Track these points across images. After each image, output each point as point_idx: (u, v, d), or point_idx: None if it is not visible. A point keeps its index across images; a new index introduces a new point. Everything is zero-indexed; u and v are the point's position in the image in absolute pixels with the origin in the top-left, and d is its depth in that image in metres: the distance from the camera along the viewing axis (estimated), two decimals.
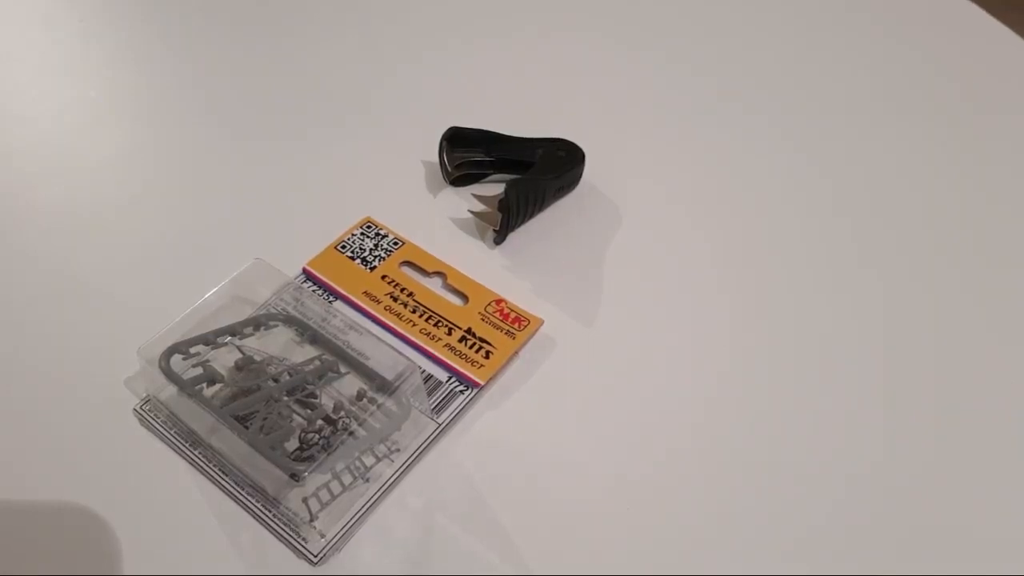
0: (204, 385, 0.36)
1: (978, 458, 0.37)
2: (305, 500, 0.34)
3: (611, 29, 0.59)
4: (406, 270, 0.43)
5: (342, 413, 0.35)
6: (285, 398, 0.35)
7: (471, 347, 0.39)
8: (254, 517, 0.34)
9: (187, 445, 0.36)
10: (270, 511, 0.34)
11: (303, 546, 0.33)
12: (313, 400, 0.36)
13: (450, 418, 0.37)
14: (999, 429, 0.38)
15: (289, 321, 0.39)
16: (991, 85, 0.56)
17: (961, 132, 0.53)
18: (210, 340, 0.37)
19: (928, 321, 0.42)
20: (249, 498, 0.34)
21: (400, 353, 0.37)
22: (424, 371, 0.39)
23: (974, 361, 0.40)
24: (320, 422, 0.35)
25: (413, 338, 0.40)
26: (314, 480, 0.34)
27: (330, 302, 0.41)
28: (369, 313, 0.41)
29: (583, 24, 0.60)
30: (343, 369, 0.37)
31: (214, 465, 0.35)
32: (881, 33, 0.60)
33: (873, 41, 0.59)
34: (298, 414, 0.35)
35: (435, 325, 0.40)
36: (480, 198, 0.44)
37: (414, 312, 0.41)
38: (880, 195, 0.48)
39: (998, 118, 0.53)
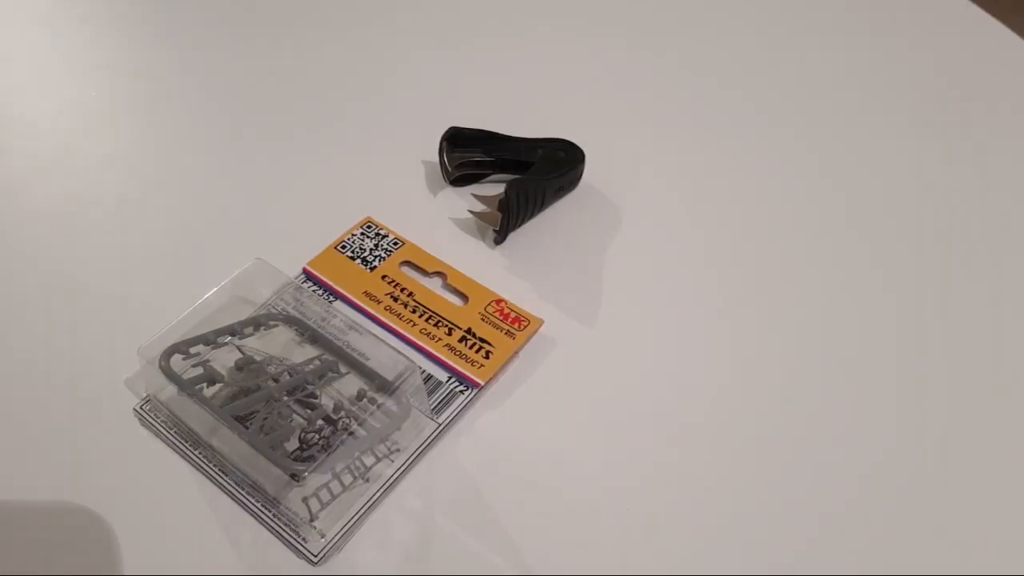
0: (204, 385, 0.36)
1: (983, 453, 0.37)
2: (305, 500, 0.34)
3: (611, 29, 0.59)
4: (406, 270, 0.43)
5: (342, 413, 0.35)
6: (285, 398, 0.35)
7: (471, 347, 0.39)
8: (254, 517, 0.34)
9: (187, 445, 0.36)
10: (270, 511, 0.34)
11: (303, 546, 0.33)
12: (313, 400, 0.36)
13: (450, 418, 0.37)
14: (1006, 425, 0.38)
15: (289, 321, 0.39)
16: (992, 86, 0.56)
17: (962, 133, 0.53)
18: (210, 340, 0.37)
19: (932, 315, 0.42)
20: (249, 498, 0.34)
21: (400, 353, 0.37)
22: (424, 371, 0.39)
23: (980, 356, 0.40)
24: (320, 422, 0.35)
25: (413, 338, 0.40)
26: (314, 480, 0.34)
27: (330, 302, 0.41)
28: (369, 313, 0.41)
29: (583, 24, 0.60)
30: (343, 369, 0.37)
31: (214, 465, 0.35)
32: (881, 34, 0.60)
33: (873, 42, 0.59)
34: (298, 414, 0.35)
35: (435, 325, 0.40)
36: (480, 198, 0.44)
37: (414, 312, 0.41)
38: (880, 197, 0.48)
39: (999, 119, 0.53)
